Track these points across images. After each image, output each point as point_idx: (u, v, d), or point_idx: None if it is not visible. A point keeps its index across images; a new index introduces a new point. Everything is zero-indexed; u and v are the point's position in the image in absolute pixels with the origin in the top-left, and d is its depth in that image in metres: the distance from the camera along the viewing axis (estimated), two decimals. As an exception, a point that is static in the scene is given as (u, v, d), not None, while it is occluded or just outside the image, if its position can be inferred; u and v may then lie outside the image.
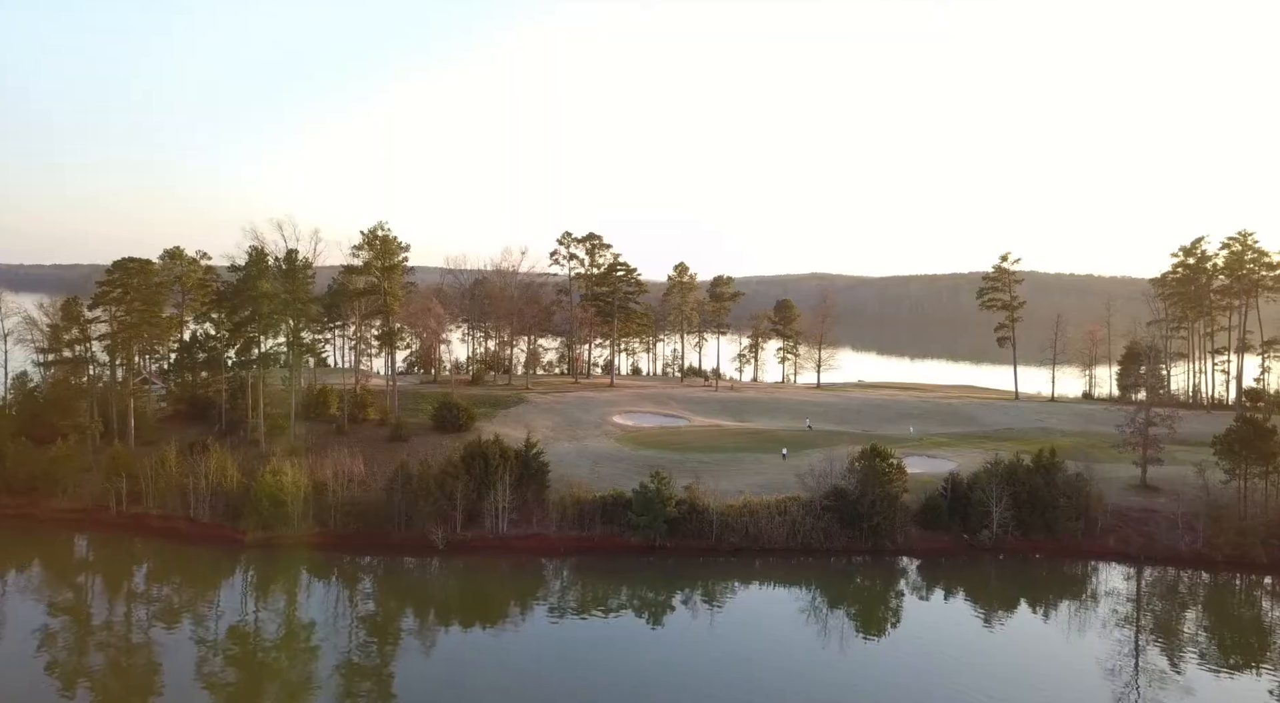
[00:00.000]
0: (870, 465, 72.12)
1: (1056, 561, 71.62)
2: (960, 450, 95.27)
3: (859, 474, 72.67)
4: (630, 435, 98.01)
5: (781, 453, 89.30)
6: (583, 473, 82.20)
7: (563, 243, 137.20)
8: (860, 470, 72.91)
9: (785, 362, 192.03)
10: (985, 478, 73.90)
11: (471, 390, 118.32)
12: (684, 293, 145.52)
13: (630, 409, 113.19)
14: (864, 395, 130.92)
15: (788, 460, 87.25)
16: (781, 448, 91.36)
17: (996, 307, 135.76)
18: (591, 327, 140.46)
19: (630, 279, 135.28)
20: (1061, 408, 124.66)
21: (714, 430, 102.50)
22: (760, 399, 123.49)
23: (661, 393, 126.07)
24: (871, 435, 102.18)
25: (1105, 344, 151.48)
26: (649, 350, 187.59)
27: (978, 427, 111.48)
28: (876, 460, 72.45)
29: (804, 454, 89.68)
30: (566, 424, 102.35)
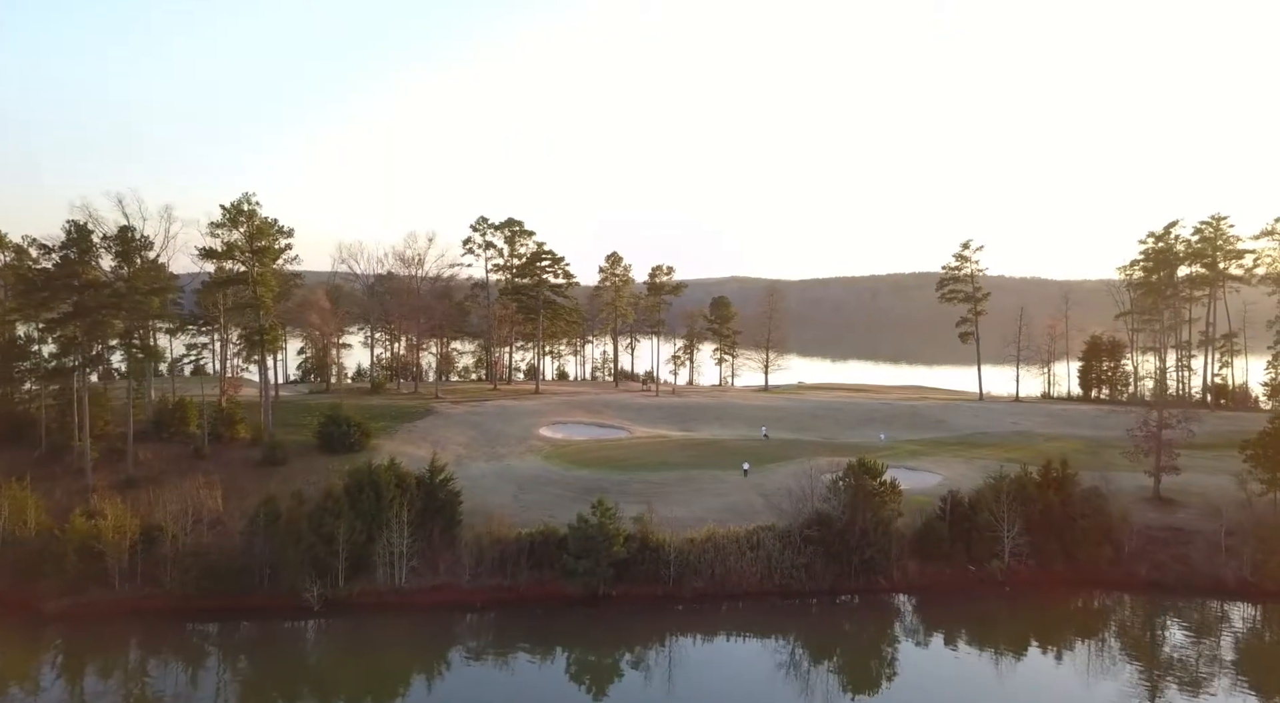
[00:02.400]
0: (858, 485, 60.27)
1: (1079, 594, 61.26)
2: (941, 460, 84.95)
3: (845, 496, 60.78)
4: (561, 451, 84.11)
5: (743, 468, 77.07)
6: (504, 502, 68.00)
7: (477, 229, 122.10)
8: (846, 491, 61.03)
9: (723, 364, 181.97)
10: (990, 496, 63.12)
11: (370, 401, 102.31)
12: (617, 288, 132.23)
13: (560, 419, 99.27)
14: (818, 399, 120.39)
15: (750, 477, 74.98)
16: (741, 462, 79.05)
17: (957, 299, 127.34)
18: (512, 326, 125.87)
19: (557, 270, 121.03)
20: (1031, 409, 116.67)
21: (659, 443, 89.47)
22: (706, 404, 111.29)
23: (595, 399, 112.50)
24: (835, 444, 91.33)
25: (1064, 340, 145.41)
26: (576, 353, 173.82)
27: (948, 431, 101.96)
28: (865, 478, 60.64)
29: (767, 470, 77.69)
30: (484, 439, 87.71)
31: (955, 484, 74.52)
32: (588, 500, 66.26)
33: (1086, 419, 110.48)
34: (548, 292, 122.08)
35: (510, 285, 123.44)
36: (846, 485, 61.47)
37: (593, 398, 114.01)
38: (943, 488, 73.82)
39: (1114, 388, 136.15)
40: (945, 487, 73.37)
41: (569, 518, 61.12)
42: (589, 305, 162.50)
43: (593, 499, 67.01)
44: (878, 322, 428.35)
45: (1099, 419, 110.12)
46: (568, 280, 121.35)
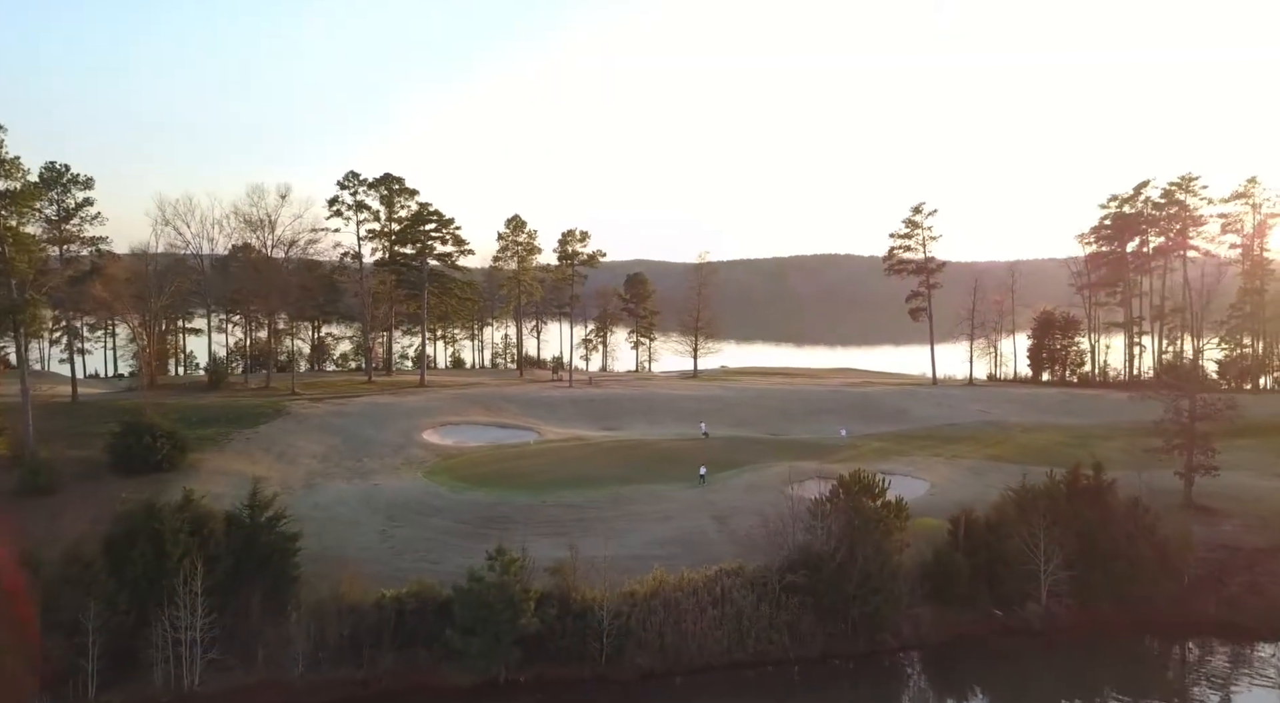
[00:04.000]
0: (853, 508, 45.13)
1: (1135, 642, 48.03)
2: (917, 460, 71.45)
3: (834, 524, 45.55)
4: (451, 464, 66.21)
5: (699, 473, 61.96)
6: (366, 543, 50.01)
7: (347, 186, 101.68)
8: (835, 516, 45.82)
9: (640, 348, 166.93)
10: (1014, 514, 49.22)
11: (205, 400, 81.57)
12: (521, 258, 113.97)
13: (450, 419, 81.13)
14: (755, 386, 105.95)
15: (700, 493, 59.17)
16: (689, 468, 63.30)
17: (907, 271, 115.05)
18: (393, 305, 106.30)
19: (446, 235, 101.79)
20: (992, 394, 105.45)
21: (578, 448, 72.59)
22: (630, 397, 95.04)
23: (494, 393, 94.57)
24: (788, 443, 76.92)
25: (1011, 317, 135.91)
26: (474, 337, 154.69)
27: (910, 422, 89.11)
28: (862, 499, 45.59)
29: (718, 481, 62.35)
30: (348, 450, 68.93)
31: (948, 493, 61.01)
32: (484, 538, 49.25)
33: (1056, 404, 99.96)
34: (434, 262, 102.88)
35: (389, 255, 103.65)
36: (836, 507, 46.24)
37: (493, 391, 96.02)
38: (934, 499, 60.07)
39: (1067, 367, 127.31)
40: (940, 498, 59.62)
41: (457, 566, 44.15)
42: (488, 283, 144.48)
43: (491, 534, 50.23)
44: (786, 304, 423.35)
45: (1069, 404, 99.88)
46: (459, 249, 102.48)
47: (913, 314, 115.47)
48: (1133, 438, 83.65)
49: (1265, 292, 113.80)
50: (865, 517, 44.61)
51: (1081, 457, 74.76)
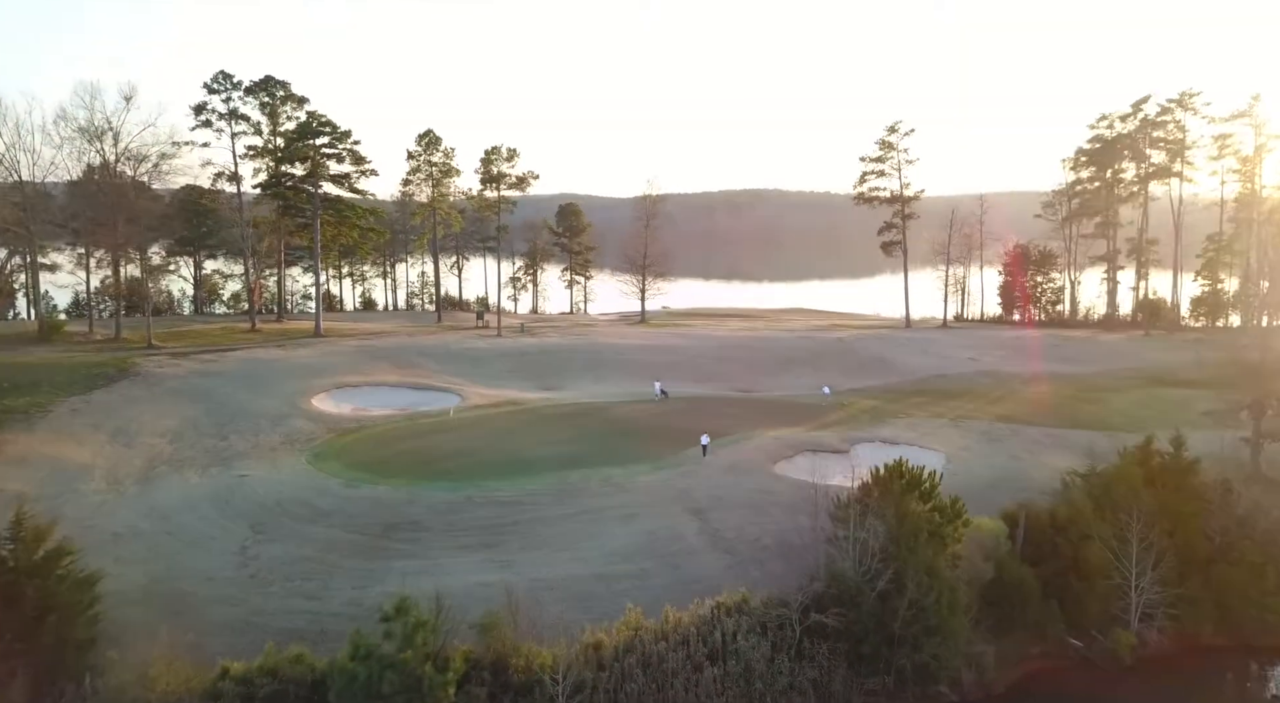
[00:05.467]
0: (900, 514, 33.10)
1: (1245, 677, 38.01)
2: (918, 423, 60.57)
3: (873, 535, 33.47)
4: (347, 444, 52.02)
5: (701, 444, 50.05)
6: (218, 568, 36.12)
7: (218, 90, 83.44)
8: (872, 522, 33.75)
9: (574, 287, 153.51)
10: (1088, 509, 38.29)
11: (30, 355, 64.97)
12: (436, 182, 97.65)
13: (350, 379, 66.54)
14: (712, 332, 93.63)
15: (676, 481, 46.62)
16: (652, 442, 50.63)
17: (880, 200, 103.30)
18: (282, 237, 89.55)
19: (343, 152, 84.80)
20: (973, 338, 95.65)
21: (511, 417, 59.06)
22: (570, 348, 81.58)
23: (407, 344, 79.79)
24: (763, 403, 65.65)
25: (980, 252, 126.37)
26: (386, 276, 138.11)
27: (897, 374, 78.35)
28: (911, 501, 33.63)
29: (692, 457, 49.78)
30: (211, 424, 54.05)
31: (971, 469, 50.31)
32: (387, 555, 36.37)
33: (1047, 349, 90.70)
34: (329, 184, 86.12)
35: (273, 176, 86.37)
36: (873, 509, 34.16)
37: (405, 342, 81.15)
38: (956, 478, 48.83)
39: (1044, 306, 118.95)
40: (963, 476, 48.60)
41: (346, 602, 31.55)
42: (399, 213, 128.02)
43: (397, 549, 37.36)
44: (716, 240, 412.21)
45: (1060, 349, 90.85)
46: (358, 168, 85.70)
47: (885, 249, 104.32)
48: (1147, 389, 74.94)
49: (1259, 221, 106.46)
50: (914, 526, 32.74)
51: (1104, 415, 65.58)
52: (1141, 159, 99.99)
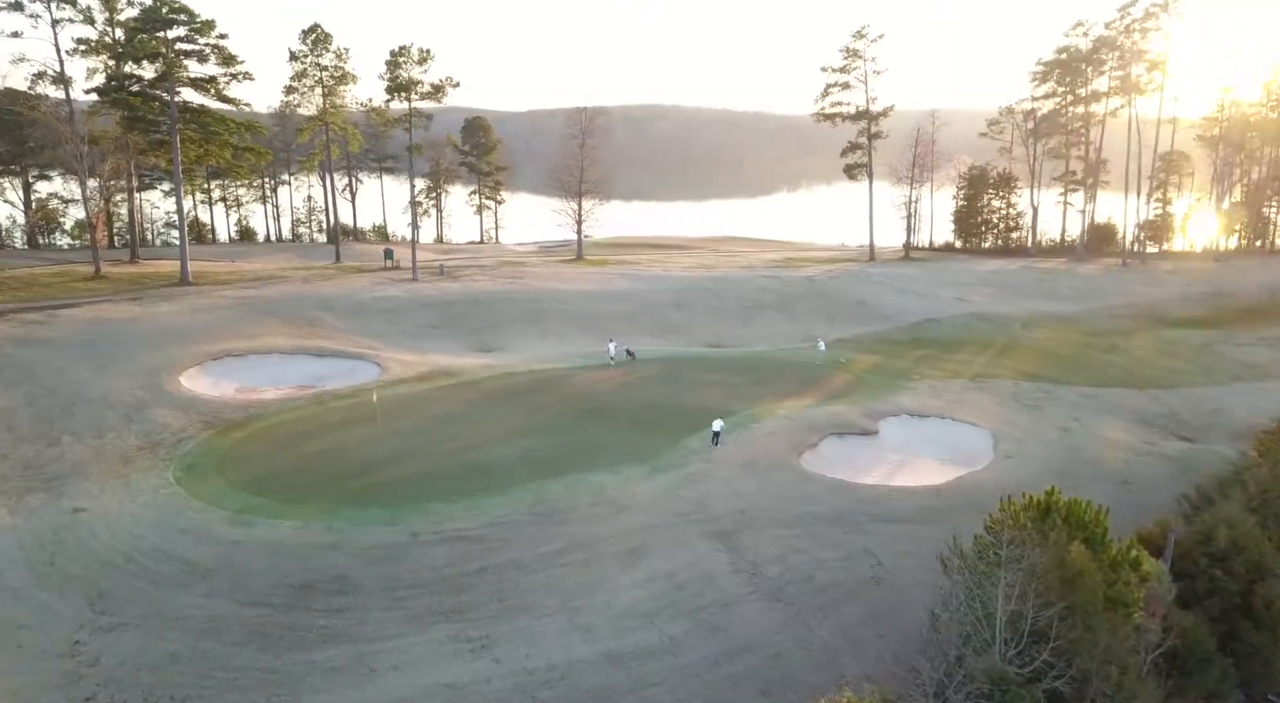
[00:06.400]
0: (1064, 576, 23.06)
1: None
2: (942, 388, 52.10)
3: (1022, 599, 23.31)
4: (229, 449, 38.68)
5: (714, 429, 39.26)
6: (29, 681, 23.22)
7: (27, -40, 64.16)
8: (1008, 570, 23.53)
9: (484, 212, 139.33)
10: (1241, 519, 29.76)
11: None
12: (327, 88, 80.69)
13: (231, 345, 52.31)
14: (669, 273, 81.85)
15: (685, 488, 35.77)
16: (637, 426, 39.51)
17: (844, 117, 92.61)
18: (132, 156, 72.04)
19: (205, 49, 67.18)
20: (945, 272, 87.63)
21: (449, 396, 46.49)
22: (504, 295, 68.74)
23: (303, 293, 65.23)
24: (746, 361, 55.59)
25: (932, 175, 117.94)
26: (266, 200, 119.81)
27: (883, 320, 69.64)
28: (1082, 558, 23.61)
29: (690, 448, 39.02)
30: (29, 424, 39.85)
31: (1032, 457, 41.76)
32: (298, 645, 24.60)
33: (1029, 284, 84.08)
34: (189, 90, 68.88)
35: (113, 79, 68.31)
36: (1014, 560, 23.86)
37: (300, 290, 66.45)
38: (1018, 470, 40.14)
39: (1004, 234, 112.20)
40: (1030, 469, 39.85)
41: None
42: (281, 129, 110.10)
43: (314, 633, 25.50)
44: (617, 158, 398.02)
45: (1043, 284, 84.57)
46: (227, 70, 68.48)
47: (849, 172, 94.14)
48: (1154, 331, 68.36)
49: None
50: (1089, 593, 22.87)
51: (1131, 367, 58.32)
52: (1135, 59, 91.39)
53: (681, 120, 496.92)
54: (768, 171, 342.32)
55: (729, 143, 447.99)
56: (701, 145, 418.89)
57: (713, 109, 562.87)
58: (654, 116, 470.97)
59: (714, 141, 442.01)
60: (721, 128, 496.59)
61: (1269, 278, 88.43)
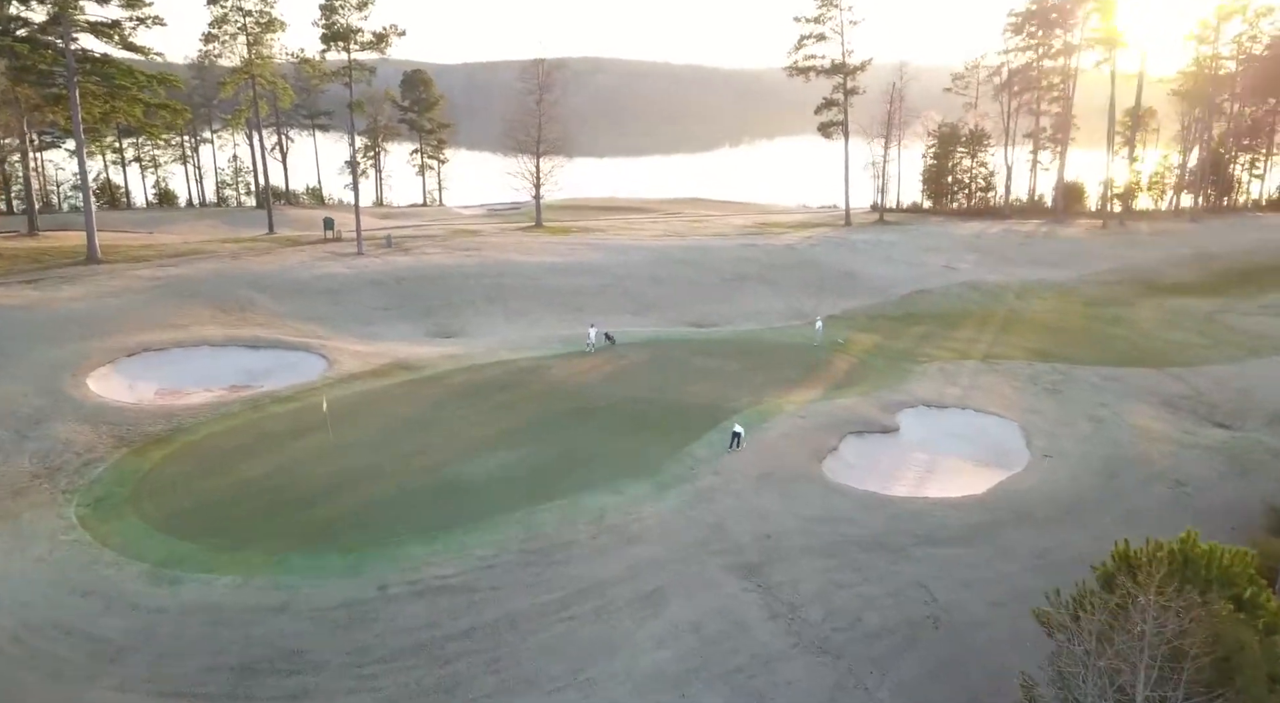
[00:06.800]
0: (1224, 649, 18.62)
1: None
2: (953, 372, 47.85)
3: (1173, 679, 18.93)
4: (149, 470, 32.26)
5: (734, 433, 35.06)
6: None
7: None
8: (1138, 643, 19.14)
9: (427, 173, 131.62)
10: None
11: None
12: (254, 38, 72.03)
13: (148, 336, 45.22)
14: (640, 244, 75.45)
15: (694, 504, 30.71)
16: (632, 427, 34.25)
17: (819, 71, 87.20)
18: (22, 113, 63.03)
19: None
20: (925, 236, 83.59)
21: (407, 393, 40.37)
22: (459, 269, 62.25)
23: (233, 271, 57.78)
24: (737, 344, 50.64)
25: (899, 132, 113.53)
26: (187, 161, 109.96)
27: (873, 292, 65.46)
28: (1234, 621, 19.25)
29: (691, 453, 34.06)
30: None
31: (1064, 447, 37.95)
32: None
33: (1012, 249, 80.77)
34: (88, 35, 59.97)
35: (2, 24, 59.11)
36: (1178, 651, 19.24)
37: (228, 267, 58.94)
38: (1054, 463, 36.29)
39: (976, 194, 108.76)
40: (1068, 463, 35.93)
41: None
42: (200, 82, 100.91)
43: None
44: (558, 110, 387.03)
45: (1027, 248, 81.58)
46: (134, 13, 59.68)
47: (824, 131, 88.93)
48: (1153, 299, 65.43)
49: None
50: (1251, 671, 18.56)
51: (1142, 343, 54.95)
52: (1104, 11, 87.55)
53: (620, 73, 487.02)
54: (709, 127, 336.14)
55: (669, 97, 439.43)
56: (641, 99, 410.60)
57: (652, 62, 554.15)
58: (593, 69, 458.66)
59: (653, 95, 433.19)
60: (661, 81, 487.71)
61: (1246, 239, 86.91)
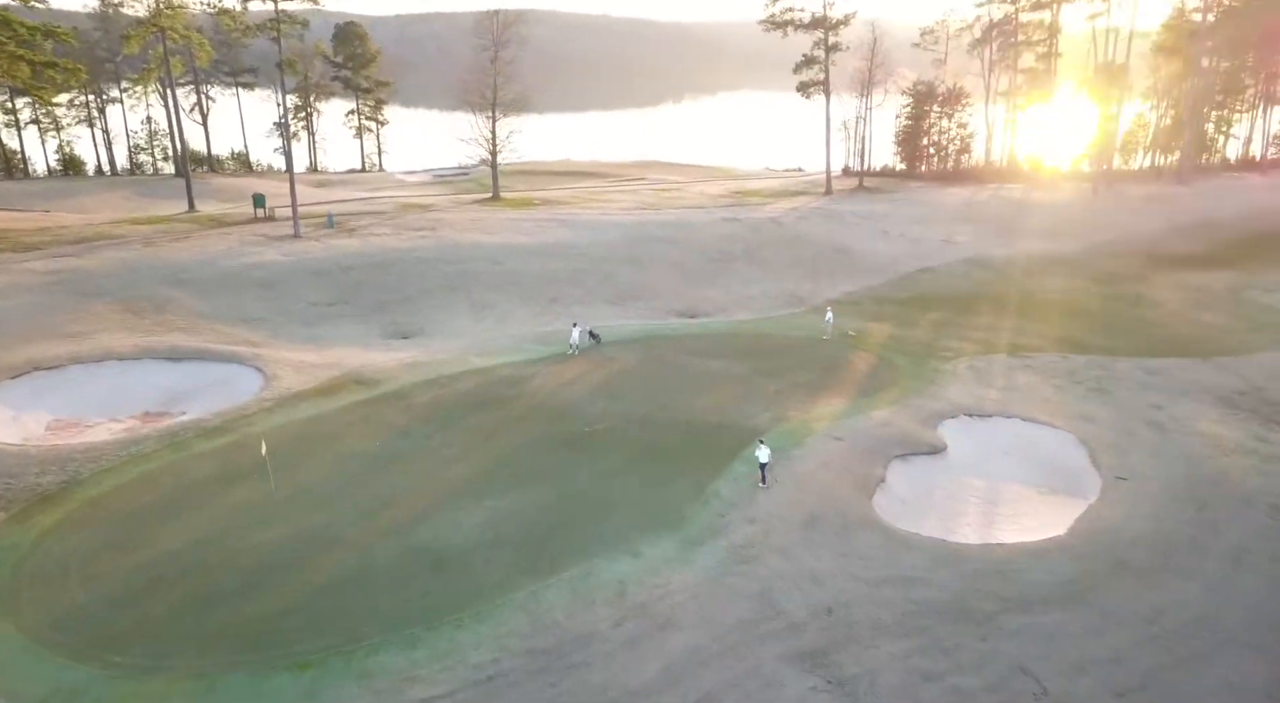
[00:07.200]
0: None
1: None
2: (979, 365, 42.94)
3: None
4: (32, 544, 25.20)
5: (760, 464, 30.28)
6: None
7: None
8: None
9: (364, 135, 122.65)
10: None
11: None
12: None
13: (39, 350, 37.47)
14: (607, 219, 68.55)
15: (730, 564, 24.94)
16: (635, 462, 28.31)
17: (797, 25, 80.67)
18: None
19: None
20: (914, 207, 78.58)
21: (362, 418, 33.56)
22: (415, 254, 54.88)
23: (146, 261, 49.53)
24: (737, 340, 44.70)
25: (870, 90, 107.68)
26: (94, 123, 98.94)
27: (872, 272, 60.87)
28: None
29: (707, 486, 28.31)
30: None
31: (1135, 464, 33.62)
32: None
33: (1007, 218, 77.09)
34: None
35: None
36: None
37: (141, 257, 50.64)
38: (1132, 489, 31.61)
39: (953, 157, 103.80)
40: (1144, 489, 31.36)
41: None
42: (104, 34, 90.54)
43: None
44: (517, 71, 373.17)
45: (1020, 218, 76.91)
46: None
47: (803, 90, 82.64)
48: (1168, 275, 61.53)
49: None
50: None
51: (1173, 326, 50.62)
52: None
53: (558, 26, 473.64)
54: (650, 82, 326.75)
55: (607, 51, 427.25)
56: (580, 53, 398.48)
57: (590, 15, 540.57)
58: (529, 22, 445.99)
59: (593, 49, 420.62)
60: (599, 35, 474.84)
61: (1240, 204, 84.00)
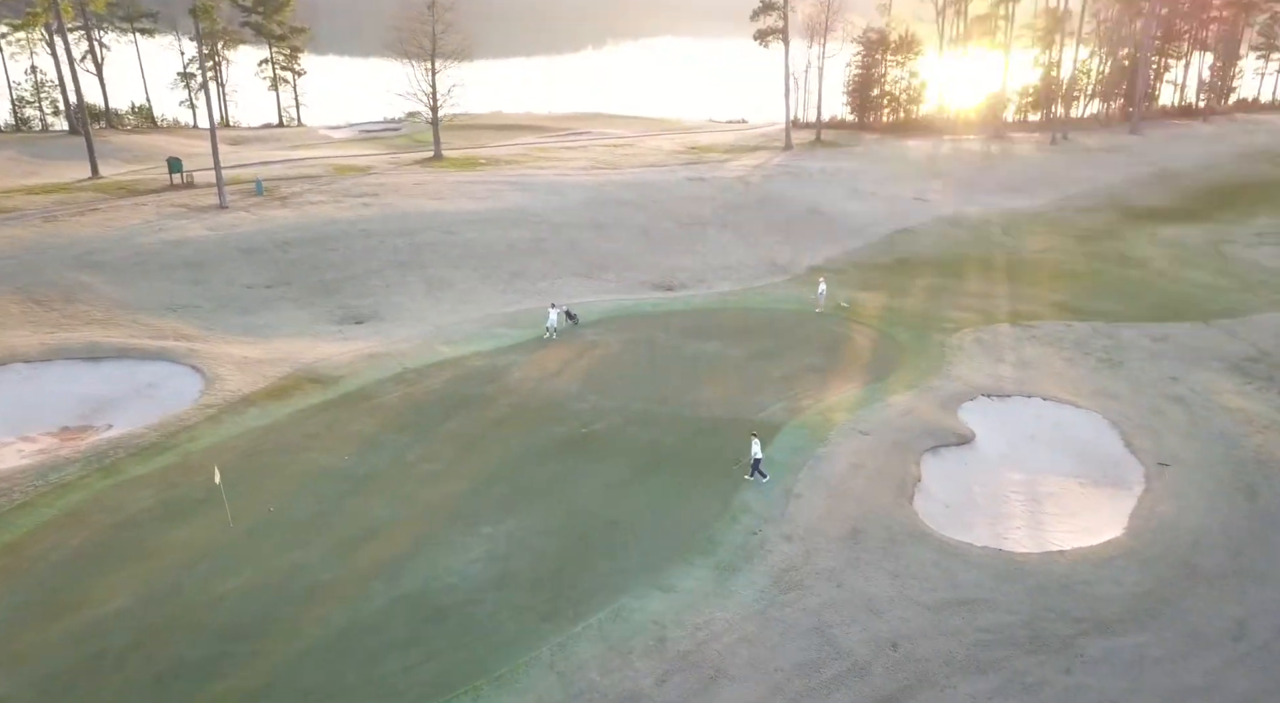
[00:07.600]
0: None
1: None
2: (985, 337, 40.77)
3: None
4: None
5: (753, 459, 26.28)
6: None
7: None
8: None
9: (281, 87, 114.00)
10: None
11: None
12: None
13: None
14: (564, 180, 63.53)
15: (775, 595, 21.82)
16: (644, 473, 25.06)
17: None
18: None
19: None
20: (881, 163, 75.97)
21: (325, 426, 29.17)
22: (361, 225, 49.48)
23: (45, 241, 43.20)
24: (722, 316, 41.99)
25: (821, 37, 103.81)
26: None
27: (853, 235, 58.57)
28: None
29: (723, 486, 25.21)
30: None
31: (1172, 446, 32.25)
32: None
33: (973, 172, 75.37)
34: None
35: None
36: None
37: (38, 237, 44.14)
38: (1174, 473, 29.74)
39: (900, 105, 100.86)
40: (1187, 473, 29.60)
41: None
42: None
43: None
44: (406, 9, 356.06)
45: (989, 174, 74.91)
46: None
47: (761, 38, 78.57)
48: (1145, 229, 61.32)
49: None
50: None
51: (1167, 288, 49.18)
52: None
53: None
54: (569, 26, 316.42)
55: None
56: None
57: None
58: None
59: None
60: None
61: (1194, 153, 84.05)
